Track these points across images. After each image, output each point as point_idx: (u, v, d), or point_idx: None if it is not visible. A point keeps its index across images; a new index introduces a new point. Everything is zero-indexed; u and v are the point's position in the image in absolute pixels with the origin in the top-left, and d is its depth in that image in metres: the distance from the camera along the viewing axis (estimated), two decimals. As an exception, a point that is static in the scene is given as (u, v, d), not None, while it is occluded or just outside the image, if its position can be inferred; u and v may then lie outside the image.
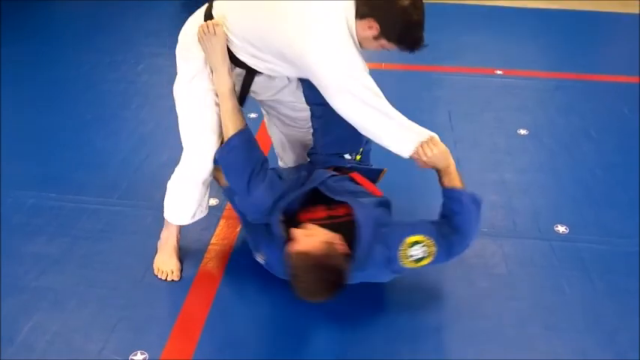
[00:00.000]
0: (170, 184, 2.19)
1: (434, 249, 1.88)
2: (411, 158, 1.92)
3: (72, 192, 2.63)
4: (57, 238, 2.37)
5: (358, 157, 2.20)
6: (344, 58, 1.84)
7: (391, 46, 1.89)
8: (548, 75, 3.86)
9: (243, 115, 2.05)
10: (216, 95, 2.01)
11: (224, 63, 1.95)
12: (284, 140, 2.37)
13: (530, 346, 1.94)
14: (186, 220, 2.18)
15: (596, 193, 2.68)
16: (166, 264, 2.18)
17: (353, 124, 1.91)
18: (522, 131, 3.15)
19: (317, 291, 1.81)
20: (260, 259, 2.06)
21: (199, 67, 1.99)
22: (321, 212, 1.99)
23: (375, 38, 1.87)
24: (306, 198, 2.03)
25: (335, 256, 1.80)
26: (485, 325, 2.01)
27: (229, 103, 1.99)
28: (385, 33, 1.84)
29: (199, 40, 1.94)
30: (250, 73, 2.03)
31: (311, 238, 1.81)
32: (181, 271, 2.18)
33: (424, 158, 1.88)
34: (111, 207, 2.55)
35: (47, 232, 2.40)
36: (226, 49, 1.94)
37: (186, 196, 2.14)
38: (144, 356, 1.87)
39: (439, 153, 1.88)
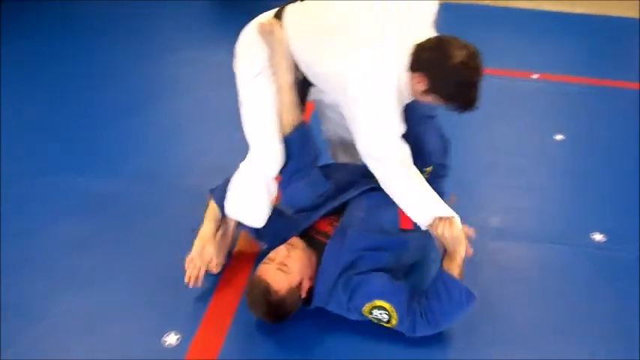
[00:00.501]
0: (238, 181, 2.08)
1: (394, 322, 1.85)
2: (427, 230, 1.89)
3: (101, 177, 2.66)
4: (86, 221, 2.40)
5: (423, 175, 2.08)
6: (379, 126, 1.82)
7: (441, 103, 1.84)
8: (584, 80, 3.80)
9: (299, 110, 2.05)
10: None
11: (283, 59, 1.95)
12: (342, 142, 2.34)
13: (551, 352, 1.91)
14: (259, 222, 2.08)
15: (633, 201, 2.63)
16: (217, 257, 2.11)
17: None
18: (558, 136, 3.10)
19: (259, 313, 1.87)
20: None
21: (264, 63, 1.99)
22: (324, 226, 2.03)
23: (425, 93, 1.82)
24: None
25: (291, 301, 1.84)
26: (509, 328, 1.99)
27: (286, 98, 1.99)
28: (434, 90, 1.79)
29: (260, 36, 1.96)
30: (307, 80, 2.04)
31: (281, 275, 1.83)
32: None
33: (433, 233, 1.86)
34: (140, 192, 2.57)
35: (77, 214, 2.43)
36: (285, 47, 1.94)
37: (257, 195, 2.05)
38: (177, 337, 1.88)
39: (450, 237, 1.83)
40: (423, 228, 1.89)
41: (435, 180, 2.12)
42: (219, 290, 2.08)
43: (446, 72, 1.74)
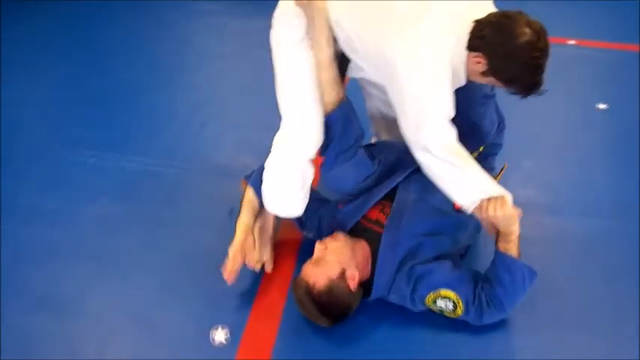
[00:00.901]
0: (269, 168, 1.94)
1: (460, 312, 1.80)
2: (473, 213, 1.78)
3: (133, 153, 2.61)
4: (119, 200, 2.35)
5: (474, 154, 1.99)
6: (429, 110, 1.71)
7: (501, 86, 1.70)
8: (623, 46, 3.63)
9: (341, 86, 1.94)
10: None
11: (322, 32, 1.83)
12: (385, 119, 2.24)
13: (610, 334, 1.86)
14: (297, 211, 1.96)
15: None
16: (260, 254, 2.02)
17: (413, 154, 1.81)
18: (601, 105, 2.98)
19: (311, 315, 1.80)
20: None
21: (302, 34, 1.87)
22: (374, 213, 1.94)
23: (483, 74, 1.68)
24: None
25: (337, 293, 1.76)
26: (567, 308, 1.94)
27: (326, 73, 1.88)
28: (494, 71, 1.65)
29: (298, 7, 1.85)
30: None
31: (317, 269, 1.77)
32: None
33: (484, 215, 1.74)
34: (172, 170, 2.52)
35: (109, 194, 2.39)
36: (325, 18, 1.82)
37: (292, 182, 1.92)
38: (225, 331, 1.83)
39: (503, 216, 1.72)
40: (469, 211, 1.79)
41: (486, 157, 2.04)
42: (265, 282, 2.01)
43: (509, 52, 1.60)
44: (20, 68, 3.33)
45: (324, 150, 1.97)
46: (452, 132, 1.75)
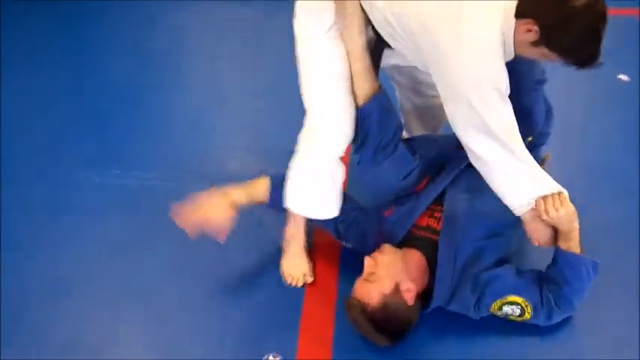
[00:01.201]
0: (295, 167, 1.81)
1: (528, 317, 1.71)
2: (523, 217, 1.65)
3: (136, 168, 2.44)
4: (127, 219, 2.18)
5: None
6: (483, 66, 1.53)
7: (555, 57, 1.51)
8: (627, 12, 3.54)
9: (375, 76, 1.79)
10: None
11: (354, 21, 1.68)
12: (417, 112, 2.11)
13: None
14: (331, 212, 1.85)
15: None
16: (297, 266, 1.91)
17: (464, 147, 1.64)
18: (623, 77, 2.88)
19: (370, 335, 1.68)
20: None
21: (330, 21, 1.71)
22: (424, 219, 1.81)
23: (534, 44, 1.50)
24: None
25: (394, 309, 1.64)
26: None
27: (359, 63, 1.74)
28: (546, 40, 1.47)
29: None
30: (381, 41, 1.76)
31: (369, 286, 1.65)
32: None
33: (544, 217, 1.60)
34: (176, 183, 2.34)
35: (116, 212, 2.22)
36: (357, 5, 1.67)
37: (322, 179, 1.80)
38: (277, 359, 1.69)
39: (565, 214, 1.59)
40: (519, 213, 1.65)
41: (533, 148, 1.91)
42: (308, 299, 1.87)
43: (564, 17, 1.43)
44: (20, 68, 3.18)
45: (360, 147, 1.82)
46: (511, 110, 1.59)
